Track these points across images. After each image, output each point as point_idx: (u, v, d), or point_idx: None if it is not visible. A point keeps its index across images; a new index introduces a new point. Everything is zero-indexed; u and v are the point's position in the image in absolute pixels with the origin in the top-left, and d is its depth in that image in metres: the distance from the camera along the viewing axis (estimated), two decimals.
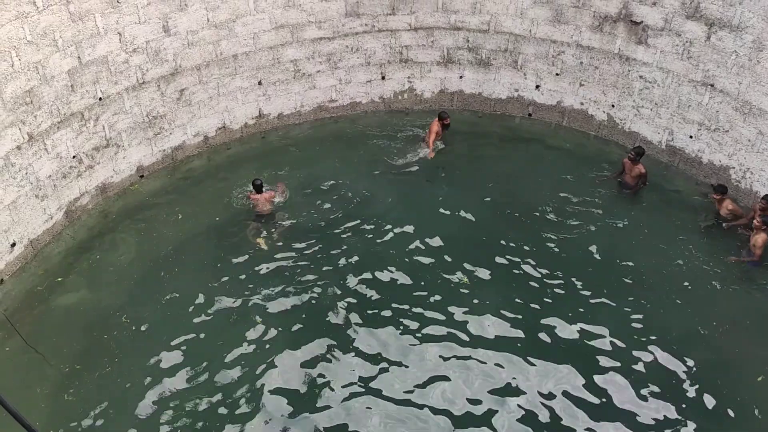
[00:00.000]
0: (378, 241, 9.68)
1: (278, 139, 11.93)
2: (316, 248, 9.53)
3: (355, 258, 9.37)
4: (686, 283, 8.98)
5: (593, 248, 9.57)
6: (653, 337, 8.25)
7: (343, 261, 9.33)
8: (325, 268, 9.21)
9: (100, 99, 9.66)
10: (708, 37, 9.91)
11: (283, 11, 11.05)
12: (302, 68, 11.77)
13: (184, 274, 9.11)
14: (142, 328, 8.33)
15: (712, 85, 10.15)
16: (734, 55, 9.70)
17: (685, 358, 7.99)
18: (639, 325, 8.42)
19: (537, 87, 12.19)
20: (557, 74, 11.89)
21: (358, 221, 9.99)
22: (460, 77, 12.50)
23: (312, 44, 11.61)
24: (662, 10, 10.25)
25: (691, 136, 10.72)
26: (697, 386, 7.70)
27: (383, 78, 12.41)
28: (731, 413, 7.39)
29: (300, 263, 9.28)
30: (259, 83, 11.52)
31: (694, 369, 7.88)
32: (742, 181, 10.19)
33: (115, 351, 8.04)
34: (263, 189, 9.88)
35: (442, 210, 10.24)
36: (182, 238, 9.70)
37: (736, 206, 9.84)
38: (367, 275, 9.10)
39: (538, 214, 10.19)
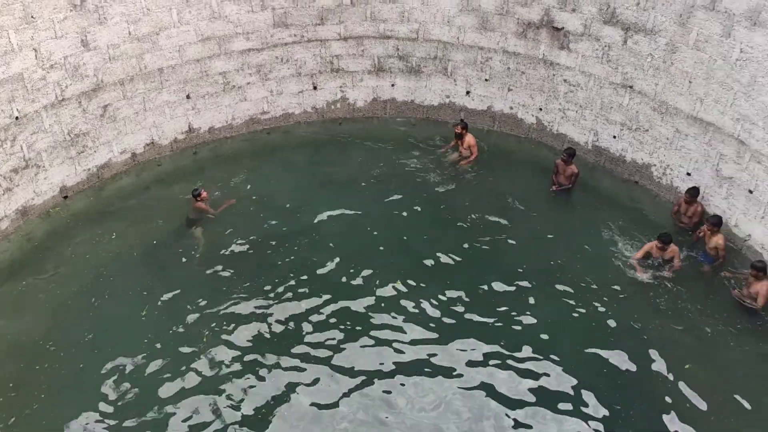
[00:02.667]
0: (313, 250, 9.63)
1: (210, 153, 11.73)
2: (251, 262, 9.40)
3: (291, 268, 9.29)
4: (611, 277, 9.27)
5: (526, 247, 9.77)
6: (586, 331, 8.48)
7: (279, 272, 9.23)
8: (260, 282, 9.09)
9: (17, 118, 9.28)
10: (625, 41, 10.30)
11: (208, 23, 10.89)
12: (232, 80, 11.62)
13: (116, 298, 8.82)
14: (72, 357, 7.99)
15: (631, 87, 10.54)
16: (650, 57, 10.11)
17: (617, 351, 8.23)
18: (571, 321, 8.64)
19: (467, 93, 12.39)
20: (486, 80, 12.12)
21: (292, 232, 9.92)
22: (392, 85, 12.59)
23: (241, 56, 11.47)
24: (581, 16, 10.60)
25: (614, 136, 11.10)
26: (627, 377, 7.94)
27: (315, 88, 12.38)
28: (664, 400, 7.66)
29: (235, 278, 9.13)
30: (188, 97, 11.30)
31: (625, 361, 8.12)
32: (663, 177, 10.61)
33: (44, 381, 7.69)
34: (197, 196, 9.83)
35: (375, 218, 10.26)
36: (112, 260, 9.39)
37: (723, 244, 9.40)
38: (304, 286, 9.03)
39: (473, 216, 10.34)
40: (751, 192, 9.27)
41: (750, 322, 8.55)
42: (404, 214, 10.36)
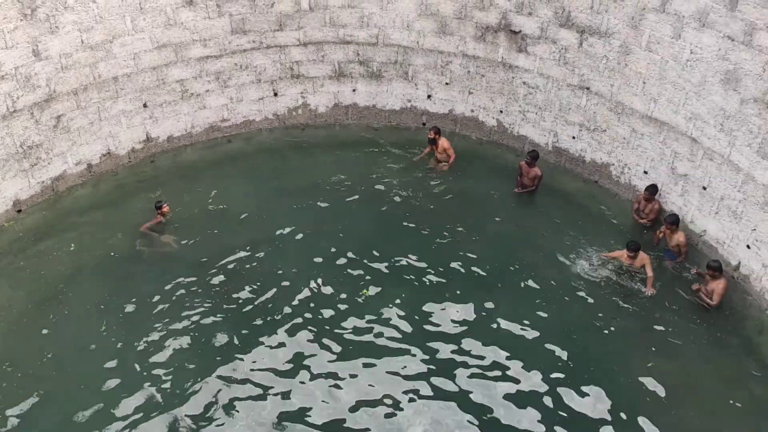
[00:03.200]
0: (277, 259, 9.54)
1: (169, 162, 11.54)
2: (212, 273, 9.27)
3: (255, 278, 9.20)
4: (574, 276, 9.39)
5: (491, 249, 9.84)
6: (549, 331, 8.57)
7: (242, 283, 9.13)
8: (223, 293, 8.97)
9: None
10: (580, 43, 10.46)
11: (164, 30, 10.73)
12: (190, 88, 11.47)
13: (75, 313, 8.60)
14: (31, 377, 7.78)
15: (588, 89, 10.71)
16: (605, 59, 10.28)
17: (581, 348, 8.34)
18: (535, 321, 8.72)
19: (429, 97, 12.45)
20: (447, 83, 12.19)
21: (255, 241, 9.81)
22: (354, 90, 12.58)
23: (198, 63, 11.34)
24: (538, 19, 10.73)
25: (573, 137, 11.26)
26: (592, 374, 8.05)
27: (276, 94, 12.30)
28: (626, 396, 7.77)
29: (197, 290, 9.00)
30: (144, 105, 11.12)
31: (589, 359, 8.24)
32: (621, 176, 10.80)
33: (1, 402, 7.46)
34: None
35: (339, 225, 10.21)
36: (70, 274, 9.17)
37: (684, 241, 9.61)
38: (268, 296, 8.96)
39: (437, 220, 10.37)
40: (704, 188, 9.49)
41: (706, 319, 8.73)
42: (369, 219, 10.34)
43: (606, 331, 8.59)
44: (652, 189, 10.02)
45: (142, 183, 11.00)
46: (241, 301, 8.87)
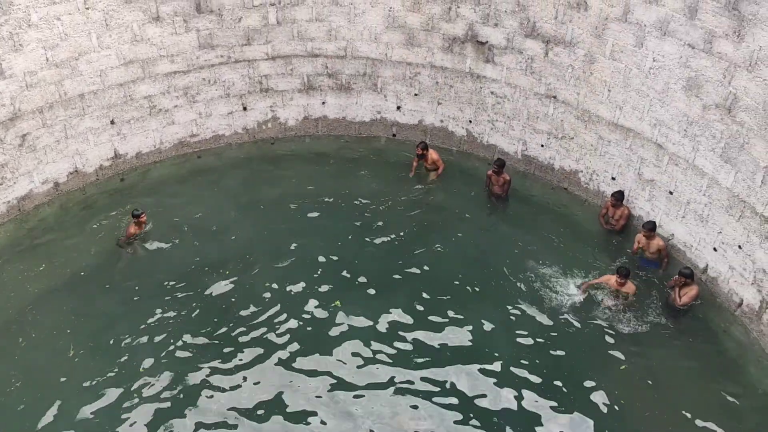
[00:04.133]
0: (248, 274, 9.49)
1: (138, 178, 11.40)
2: (186, 289, 9.18)
3: (227, 294, 9.13)
4: (546, 284, 9.50)
5: (464, 259, 9.93)
6: (522, 337, 8.66)
7: (214, 299, 9.06)
8: (195, 309, 8.89)
9: None
10: (546, 53, 10.65)
11: (130, 46, 10.62)
12: (158, 104, 11.36)
13: (44, 336, 8.44)
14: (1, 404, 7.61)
15: (554, 97, 10.90)
16: (570, 68, 10.49)
17: (556, 354, 8.45)
18: (508, 328, 8.82)
19: (398, 108, 12.52)
20: (416, 94, 12.28)
21: (226, 257, 9.76)
22: (323, 103, 12.59)
23: (166, 78, 11.24)
24: (504, 30, 10.90)
25: (542, 145, 11.43)
26: (566, 379, 8.14)
27: (245, 109, 12.24)
28: (601, 400, 7.88)
29: (168, 308, 8.90)
30: (112, 122, 10.98)
31: (564, 364, 8.34)
32: (590, 183, 10.99)
33: None
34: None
35: (310, 237, 10.19)
36: (38, 296, 9.01)
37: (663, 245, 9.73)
38: (240, 312, 8.90)
39: (408, 230, 10.42)
40: (671, 193, 9.71)
41: (676, 325, 8.90)
42: (339, 231, 10.34)
43: (580, 338, 8.70)
44: (618, 195, 10.20)
45: (110, 200, 10.84)
46: (212, 318, 8.79)
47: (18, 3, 9.25)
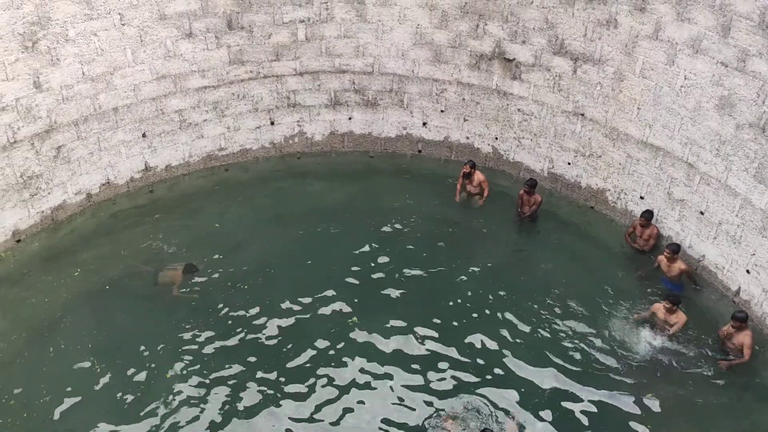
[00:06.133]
0: (268, 289, 9.55)
1: (167, 191, 11.54)
2: (207, 302, 9.26)
3: (246, 307, 9.21)
4: (575, 304, 9.43)
5: (491, 278, 9.89)
6: (543, 354, 8.58)
7: (233, 313, 9.14)
8: (215, 323, 8.96)
9: None
10: (574, 70, 10.64)
11: (163, 62, 10.82)
12: (188, 118, 11.53)
13: (72, 347, 8.53)
14: (33, 410, 7.69)
15: (582, 115, 10.86)
16: (599, 86, 10.46)
17: (585, 387, 8.35)
18: (531, 347, 8.79)
19: (424, 124, 12.56)
20: (442, 111, 12.32)
21: (249, 271, 9.81)
22: (349, 118, 12.68)
23: (197, 93, 11.41)
24: (531, 47, 10.92)
25: (569, 163, 11.38)
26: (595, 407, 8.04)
27: (272, 123, 12.37)
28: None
29: (192, 321, 8.96)
30: (144, 135, 11.16)
31: (591, 391, 8.24)
32: (618, 201, 10.91)
33: None
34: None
35: (332, 253, 10.22)
36: (70, 305, 9.13)
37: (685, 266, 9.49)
38: (259, 327, 8.96)
39: (434, 248, 10.40)
40: (702, 213, 9.59)
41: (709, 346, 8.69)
42: (363, 247, 10.34)
43: (609, 367, 8.57)
44: (648, 215, 10.08)
45: (140, 212, 10.99)
46: (238, 331, 8.84)
47: (56, 18, 9.48)
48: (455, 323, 9.05)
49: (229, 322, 8.98)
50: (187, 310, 9.10)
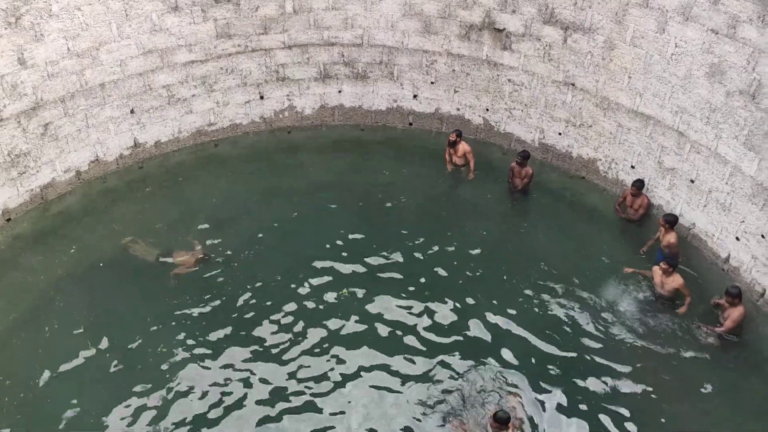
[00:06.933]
0: (260, 264, 9.55)
1: (157, 167, 11.46)
2: (198, 279, 9.24)
3: (237, 285, 9.20)
4: (566, 276, 9.48)
5: (480, 247, 9.94)
6: (539, 327, 8.67)
7: (224, 289, 9.13)
8: (206, 300, 8.94)
9: None
10: (565, 39, 10.57)
11: (149, 36, 10.66)
12: (176, 93, 11.41)
13: (70, 325, 8.51)
14: (28, 391, 7.70)
15: (573, 84, 10.82)
16: (589, 55, 10.40)
17: (573, 353, 8.44)
18: (532, 319, 8.84)
19: (414, 96, 12.49)
20: (432, 83, 12.24)
21: (239, 246, 9.79)
22: (339, 92, 12.59)
23: (184, 68, 11.28)
24: (521, 17, 10.82)
25: (560, 133, 11.37)
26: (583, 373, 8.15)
27: (262, 98, 12.26)
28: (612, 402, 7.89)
29: (180, 300, 8.94)
30: (132, 111, 11.05)
31: (583, 362, 8.34)
32: (609, 171, 10.93)
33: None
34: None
35: (323, 227, 10.22)
36: (64, 284, 9.09)
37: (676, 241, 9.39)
38: (251, 303, 8.98)
39: (424, 221, 10.42)
40: (692, 182, 9.63)
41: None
42: (354, 221, 10.34)
43: (602, 337, 8.63)
44: (639, 183, 10.11)
45: (130, 189, 10.94)
46: (225, 308, 8.84)
47: None
48: (448, 295, 9.09)
49: (222, 297, 8.99)
50: (181, 287, 9.09)
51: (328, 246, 9.84)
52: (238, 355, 8.25)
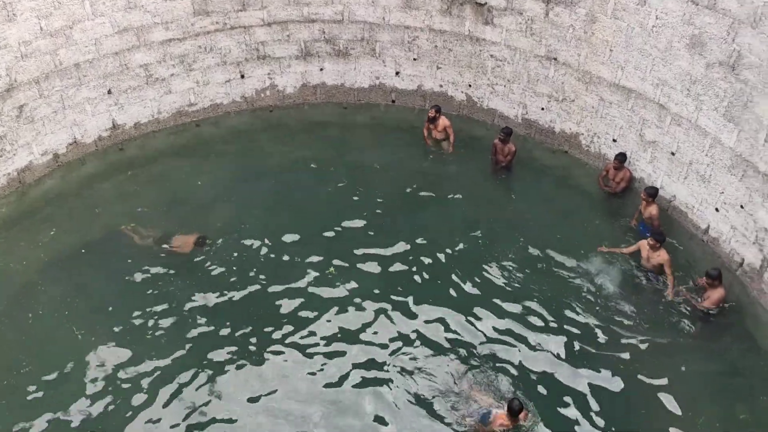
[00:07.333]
0: (242, 245, 9.47)
1: (137, 149, 11.31)
2: (187, 262, 9.17)
3: (227, 263, 9.16)
4: (551, 251, 9.50)
5: (463, 223, 9.95)
6: (527, 300, 8.73)
7: (208, 272, 9.07)
8: (189, 283, 8.88)
9: None
10: (546, 13, 10.50)
11: (124, 14, 10.45)
12: (154, 73, 11.23)
13: (54, 311, 8.41)
14: (12, 378, 7.63)
15: (555, 59, 10.78)
16: (571, 29, 10.35)
17: (558, 337, 8.45)
18: (515, 294, 8.87)
19: (397, 73, 12.39)
20: (415, 59, 12.14)
21: (223, 227, 9.70)
22: (321, 70, 12.46)
23: (161, 46, 11.09)
24: None
25: (542, 108, 11.35)
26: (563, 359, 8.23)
27: (242, 76, 12.11)
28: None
29: (164, 283, 8.87)
30: (109, 92, 10.87)
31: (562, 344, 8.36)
32: (591, 145, 10.94)
33: None
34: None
35: (308, 206, 10.17)
36: (46, 270, 8.97)
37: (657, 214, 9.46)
38: (234, 284, 8.93)
39: (410, 198, 10.40)
40: (673, 154, 9.67)
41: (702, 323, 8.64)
42: (339, 200, 10.31)
43: (584, 314, 8.64)
44: (621, 157, 10.15)
45: (110, 172, 10.79)
46: (207, 293, 8.77)
47: None
48: (433, 272, 9.11)
49: (207, 279, 8.93)
50: (165, 269, 9.01)
51: (312, 225, 9.79)
52: (225, 336, 8.21)
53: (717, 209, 9.15)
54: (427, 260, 9.27)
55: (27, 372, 7.72)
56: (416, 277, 9.03)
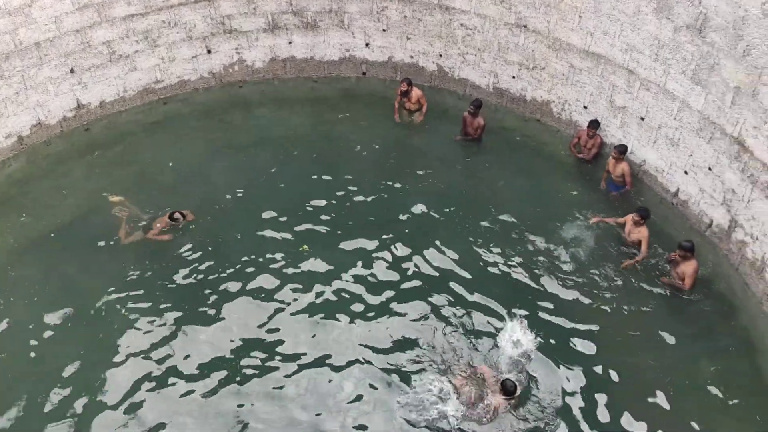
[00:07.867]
0: (220, 225, 9.39)
1: (104, 129, 11.09)
2: (162, 245, 9.06)
3: (198, 248, 9.05)
4: (527, 220, 9.58)
5: (436, 194, 9.95)
6: (503, 269, 8.80)
7: (185, 253, 8.97)
8: (166, 265, 8.80)
9: None
10: None
11: None
12: (117, 50, 10.96)
13: (24, 297, 8.30)
14: None
15: (525, 26, 10.74)
16: None
17: (532, 287, 8.60)
18: (491, 263, 8.93)
19: (367, 45, 12.26)
20: (384, 30, 12.01)
21: (197, 207, 9.55)
22: (290, 43, 12.27)
23: (123, 22, 10.80)
24: None
25: (513, 77, 11.33)
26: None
27: (209, 52, 11.88)
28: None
29: (140, 265, 8.77)
30: (71, 71, 10.59)
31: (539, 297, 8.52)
32: (562, 112, 10.99)
33: None
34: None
35: (280, 181, 10.09)
36: (15, 255, 8.81)
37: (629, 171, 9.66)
38: (211, 265, 8.85)
39: (381, 171, 10.36)
40: (642, 119, 9.76)
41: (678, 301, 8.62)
42: (311, 175, 10.21)
43: (560, 284, 8.70)
44: (595, 124, 10.19)
45: (76, 153, 10.58)
46: (184, 272, 8.70)
47: None
48: (407, 245, 9.09)
49: (180, 262, 8.82)
50: (135, 253, 8.87)
51: (285, 202, 9.71)
52: (203, 317, 8.16)
53: (686, 172, 9.28)
54: (400, 233, 9.27)
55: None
56: (390, 250, 9.02)
